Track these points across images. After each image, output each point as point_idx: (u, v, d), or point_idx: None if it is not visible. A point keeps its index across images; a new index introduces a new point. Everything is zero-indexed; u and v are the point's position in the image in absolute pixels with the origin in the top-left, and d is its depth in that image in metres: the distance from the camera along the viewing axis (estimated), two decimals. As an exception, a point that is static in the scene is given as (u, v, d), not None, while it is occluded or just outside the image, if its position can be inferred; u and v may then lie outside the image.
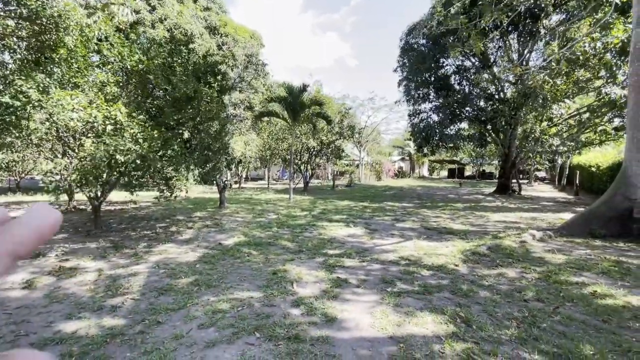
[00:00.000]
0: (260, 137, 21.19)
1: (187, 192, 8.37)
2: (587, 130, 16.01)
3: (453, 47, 14.50)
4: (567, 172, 23.83)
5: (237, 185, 23.83)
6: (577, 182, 18.08)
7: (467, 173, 47.93)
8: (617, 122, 14.91)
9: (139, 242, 6.32)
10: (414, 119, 20.80)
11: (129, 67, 6.43)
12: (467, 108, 19.18)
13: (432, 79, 19.24)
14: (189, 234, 7.19)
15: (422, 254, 5.61)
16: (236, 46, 21.15)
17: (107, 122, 5.25)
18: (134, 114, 6.71)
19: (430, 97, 20.10)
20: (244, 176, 28.09)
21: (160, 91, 7.00)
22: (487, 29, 14.49)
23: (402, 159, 49.56)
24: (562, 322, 3.19)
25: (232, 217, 9.61)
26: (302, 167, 20.58)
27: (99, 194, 6.75)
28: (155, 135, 5.81)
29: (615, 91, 12.02)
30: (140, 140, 5.46)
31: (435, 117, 20.02)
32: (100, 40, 7.01)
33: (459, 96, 19.01)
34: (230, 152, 9.53)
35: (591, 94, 14.93)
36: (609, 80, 12.44)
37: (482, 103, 19.24)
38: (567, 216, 9.44)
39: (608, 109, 13.40)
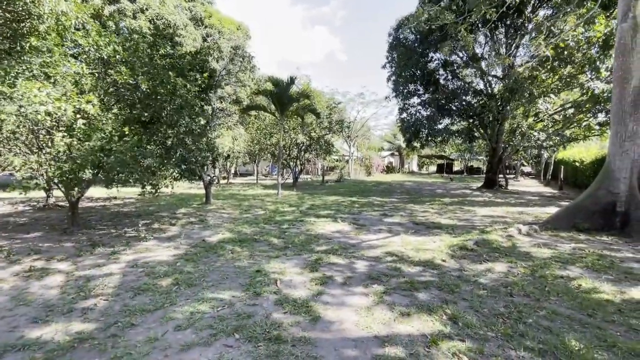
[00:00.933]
0: (249, 132, 20.87)
1: (172, 188, 8.12)
2: (572, 126, 16.26)
3: (443, 45, 14.49)
4: (552, 167, 24.25)
5: (225, 181, 23.48)
6: (562, 176, 18.40)
7: (456, 168, 48.37)
8: (600, 117, 15.19)
9: (119, 239, 6.08)
10: (403, 113, 20.83)
11: (105, 57, 6.12)
12: (456, 103, 19.26)
13: (421, 74, 19.20)
14: (173, 231, 6.97)
15: (409, 250, 5.56)
16: (221, 38, 20.65)
17: (77, 116, 4.96)
18: (113, 108, 6.41)
19: (419, 92, 20.12)
20: (232, 171, 27.71)
21: (142, 85, 6.70)
22: (475, 24, 14.50)
23: (392, 155, 49.75)
24: (548, 317, 3.16)
25: (218, 213, 9.40)
26: (291, 163, 20.36)
27: (75, 190, 6.45)
28: (132, 130, 5.54)
29: (598, 86, 12.21)
30: (116, 139, 5.19)
31: (424, 112, 20.11)
32: (77, 29, 6.66)
33: (447, 91, 19.05)
34: (214, 149, 9.23)
35: (576, 90, 15.15)
36: (592, 77, 12.63)
37: (469, 98, 19.35)
38: (553, 210, 9.56)
39: (591, 104, 13.61)
